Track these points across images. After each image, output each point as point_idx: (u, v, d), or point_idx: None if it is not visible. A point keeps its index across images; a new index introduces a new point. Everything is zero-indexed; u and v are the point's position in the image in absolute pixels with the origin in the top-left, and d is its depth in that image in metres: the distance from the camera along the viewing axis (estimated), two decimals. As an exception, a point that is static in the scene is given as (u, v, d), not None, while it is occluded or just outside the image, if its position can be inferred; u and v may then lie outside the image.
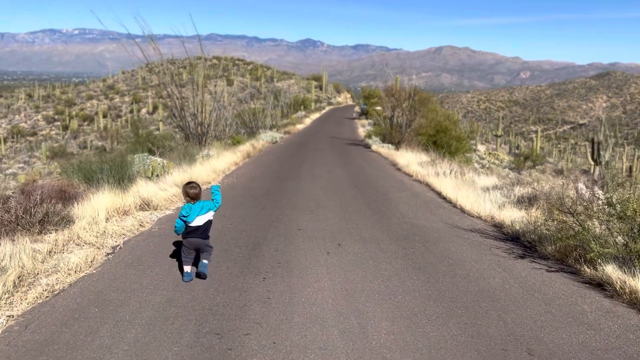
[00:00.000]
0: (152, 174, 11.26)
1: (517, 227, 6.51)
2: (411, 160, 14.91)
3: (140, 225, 6.75)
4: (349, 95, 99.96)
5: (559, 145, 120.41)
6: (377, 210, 8.13)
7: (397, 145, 22.69)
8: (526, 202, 7.69)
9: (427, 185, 11.13)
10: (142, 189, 8.26)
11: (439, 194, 9.98)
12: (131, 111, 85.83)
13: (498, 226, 7.07)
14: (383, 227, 6.96)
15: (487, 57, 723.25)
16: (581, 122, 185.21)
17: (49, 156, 56.69)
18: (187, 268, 4.72)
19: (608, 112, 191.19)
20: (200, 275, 4.66)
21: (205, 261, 4.71)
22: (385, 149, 20.59)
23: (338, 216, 7.61)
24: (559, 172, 56.92)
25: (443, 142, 30.67)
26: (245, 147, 18.20)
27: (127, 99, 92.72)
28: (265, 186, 10.52)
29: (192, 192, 4.73)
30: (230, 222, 7.11)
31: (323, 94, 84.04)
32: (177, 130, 20.44)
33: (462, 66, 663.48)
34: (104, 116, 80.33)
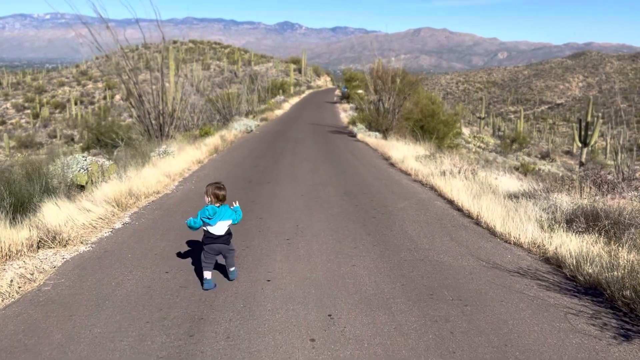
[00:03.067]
0: (87, 181, 8.90)
1: (590, 270, 4.41)
2: (406, 153, 12.76)
3: (28, 280, 4.45)
4: (328, 79, 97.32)
5: (537, 126, 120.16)
6: (378, 236, 5.95)
7: (385, 133, 20.54)
8: (581, 222, 5.60)
9: (433, 188, 8.98)
10: (51, 213, 5.92)
11: (450, 202, 7.85)
12: (104, 98, 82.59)
13: (554, 263, 4.97)
14: (392, 270, 4.79)
15: (465, 39, 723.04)
16: (558, 101, 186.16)
17: (16, 147, 53.28)
18: (208, 274, 4.39)
19: (584, 91, 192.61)
20: (232, 280, 4.54)
21: (233, 269, 4.57)
22: (373, 138, 18.41)
23: (325, 249, 5.42)
24: (545, 155, 55.81)
25: (431, 127, 28.67)
26: (214, 140, 15.81)
27: (100, 85, 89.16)
28: (230, 196, 8.25)
29: (222, 193, 4.52)
30: (166, 267, 4.86)
31: (302, 78, 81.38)
32: (135, 122, 17.90)
33: (440, 48, 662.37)
34: (76, 103, 76.83)
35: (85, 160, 9.84)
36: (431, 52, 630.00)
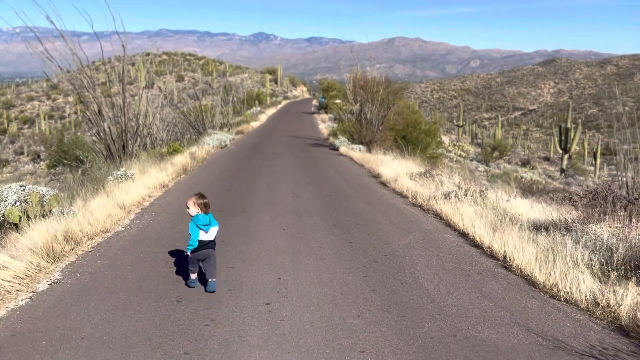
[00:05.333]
0: (21, 218, 7.28)
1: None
2: (398, 170, 11.44)
3: None
4: (305, 89, 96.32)
5: (512, 132, 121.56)
6: (386, 293, 4.55)
7: (369, 145, 19.27)
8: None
9: (438, 216, 7.64)
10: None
11: (463, 235, 6.51)
12: (75, 112, 79.96)
13: (634, 335, 3.64)
14: (418, 359, 3.38)
15: (438, 47, 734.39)
16: (531, 108, 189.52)
17: (-24, 165, 50.54)
18: (194, 276, 4.77)
19: (556, 97, 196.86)
20: (211, 292, 4.61)
21: (213, 280, 4.66)
22: (357, 152, 17.10)
23: (320, 320, 3.97)
24: (525, 162, 55.57)
25: (413, 137, 27.60)
26: (183, 159, 14.23)
27: (71, 99, 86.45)
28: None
29: (206, 201, 4.78)
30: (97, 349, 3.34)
31: (278, 88, 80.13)
32: (95, 139, 16.17)
33: (414, 57, 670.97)
34: (47, 118, 74.09)
35: (24, 189, 8.23)
36: (405, 61, 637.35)
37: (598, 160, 53.29)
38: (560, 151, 45.43)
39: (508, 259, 5.31)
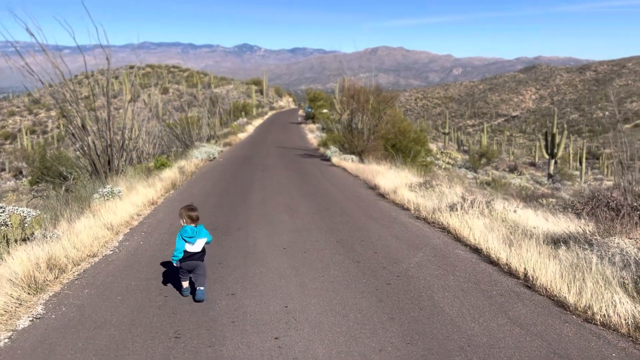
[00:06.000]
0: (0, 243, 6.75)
1: None
2: (395, 181, 11.09)
3: None
4: (290, 99, 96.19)
5: (495, 138, 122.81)
6: (406, 320, 4.14)
7: (361, 155, 18.96)
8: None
9: (444, 229, 7.28)
10: None
11: (476, 250, 6.15)
12: (58, 127, 78.66)
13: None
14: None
15: (421, 56, 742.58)
16: (514, 114, 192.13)
17: (-46, 183, 49.18)
18: (185, 284, 4.87)
19: (537, 103, 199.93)
20: (199, 301, 4.65)
21: (201, 288, 4.71)
22: (350, 162, 16.75)
23: (338, 358, 3.56)
24: (513, 168, 55.84)
25: (403, 146, 27.42)
26: (171, 173, 13.73)
27: (53, 113, 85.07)
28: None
29: (195, 214, 4.84)
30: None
31: (264, 99, 79.86)
32: (79, 155, 15.58)
33: (397, 66, 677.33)
34: (29, 133, 72.82)
35: (3, 211, 7.70)
36: (389, 71, 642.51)
37: (584, 165, 53.80)
38: (547, 156, 45.72)
39: (530, 277, 4.96)
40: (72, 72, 15.06)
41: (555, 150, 44.42)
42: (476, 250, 6.16)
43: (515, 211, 7.56)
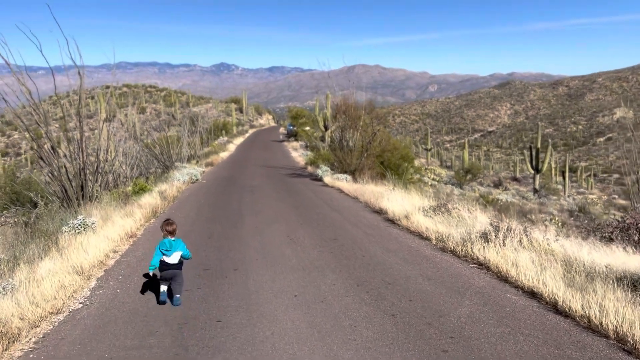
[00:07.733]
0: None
1: None
2: (403, 203, 9.99)
3: None
4: (270, 117, 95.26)
5: (473, 153, 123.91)
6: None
7: (353, 174, 17.89)
8: None
9: (482, 265, 6.18)
10: None
11: (532, 294, 5.05)
12: (32, 148, 76.00)
13: None
14: None
15: (397, 74, 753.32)
16: (490, 129, 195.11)
17: None
18: (163, 288, 5.18)
19: (513, 118, 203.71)
20: (177, 306, 5.06)
21: (178, 295, 5.10)
22: (344, 182, 15.65)
23: None
24: (497, 183, 55.63)
25: (391, 164, 26.51)
26: (151, 199, 12.39)
27: (27, 135, 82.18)
28: (175, 309, 5.04)
29: (171, 228, 5.28)
30: None
31: (245, 117, 78.76)
32: (49, 180, 14.09)
33: (374, 83, 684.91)
34: (2, 155, 70.16)
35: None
36: (366, 88, 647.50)
37: (567, 179, 53.92)
38: (532, 171, 45.54)
39: (626, 337, 3.87)
40: (46, 92, 13.76)
41: (540, 165, 44.30)
42: (532, 294, 5.07)
43: (556, 240, 6.52)
